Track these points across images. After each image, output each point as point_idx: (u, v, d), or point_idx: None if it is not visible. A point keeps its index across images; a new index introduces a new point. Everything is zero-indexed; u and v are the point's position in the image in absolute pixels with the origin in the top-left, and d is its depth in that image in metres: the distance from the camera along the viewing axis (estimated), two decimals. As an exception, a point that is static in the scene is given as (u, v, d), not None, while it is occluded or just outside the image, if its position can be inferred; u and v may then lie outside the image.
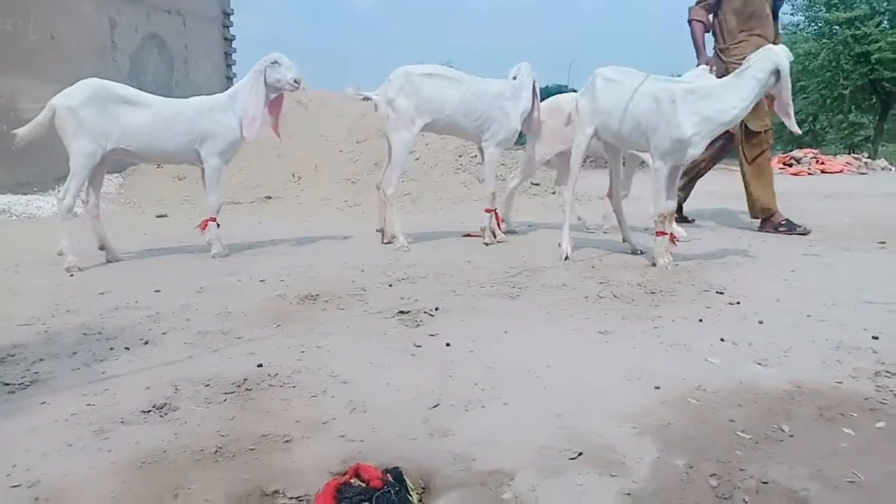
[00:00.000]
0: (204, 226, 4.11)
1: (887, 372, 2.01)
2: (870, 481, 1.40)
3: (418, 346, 2.29)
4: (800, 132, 3.65)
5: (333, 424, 1.68)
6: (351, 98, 4.60)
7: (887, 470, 1.45)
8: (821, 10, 20.37)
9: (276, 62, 4.03)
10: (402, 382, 1.96)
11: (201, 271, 3.66)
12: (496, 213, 4.62)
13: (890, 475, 1.43)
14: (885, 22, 19.21)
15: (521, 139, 4.98)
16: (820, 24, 20.67)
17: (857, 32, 19.14)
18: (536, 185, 8.19)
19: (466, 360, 2.16)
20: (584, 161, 4.12)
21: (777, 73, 3.28)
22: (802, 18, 21.47)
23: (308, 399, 1.84)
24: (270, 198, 6.96)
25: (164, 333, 2.50)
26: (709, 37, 5.02)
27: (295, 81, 4.07)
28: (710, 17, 5.00)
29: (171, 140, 3.98)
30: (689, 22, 4.98)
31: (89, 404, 1.83)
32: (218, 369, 2.08)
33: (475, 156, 7.97)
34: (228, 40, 11.44)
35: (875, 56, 18.48)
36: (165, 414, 1.76)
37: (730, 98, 3.35)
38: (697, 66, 4.69)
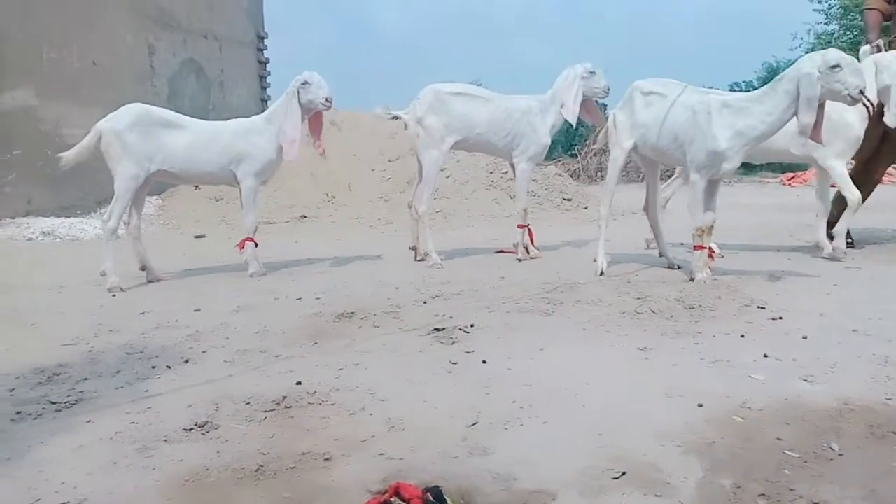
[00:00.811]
0: (242, 245, 4.18)
1: (940, 388, 1.94)
2: (927, 502, 1.35)
3: (454, 364, 2.29)
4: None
5: (373, 442, 1.68)
6: (381, 117, 4.64)
7: (946, 491, 1.39)
8: (856, 19, 19.98)
9: (306, 83, 4.10)
10: (440, 400, 1.96)
11: (239, 290, 3.72)
12: (529, 229, 4.61)
13: (949, 496, 1.38)
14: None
15: (551, 153, 4.95)
16: (856, 33, 20.26)
17: (893, 40, 18.74)
18: (568, 200, 8.15)
19: (503, 378, 2.14)
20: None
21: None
22: (837, 27, 21.09)
23: (347, 417, 1.85)
24: (305, 217, 7.04)
25: (204, 352, 2.54)
26: None
27: (327, 100, 4.13)
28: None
29: (210, 161, 4.07)
30: (864, 11, 4.97)
31: (133, 422, 1.86)
32: (258, 387, 2.10)
33: (506, 172, 7.96)
34: (262, 63, 11.67)
35: (914, 63, 18.06)
36: (207, 432, 1.78)
37: (758, 112, 3.28)
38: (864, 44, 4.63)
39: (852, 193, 4.09)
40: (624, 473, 1.48)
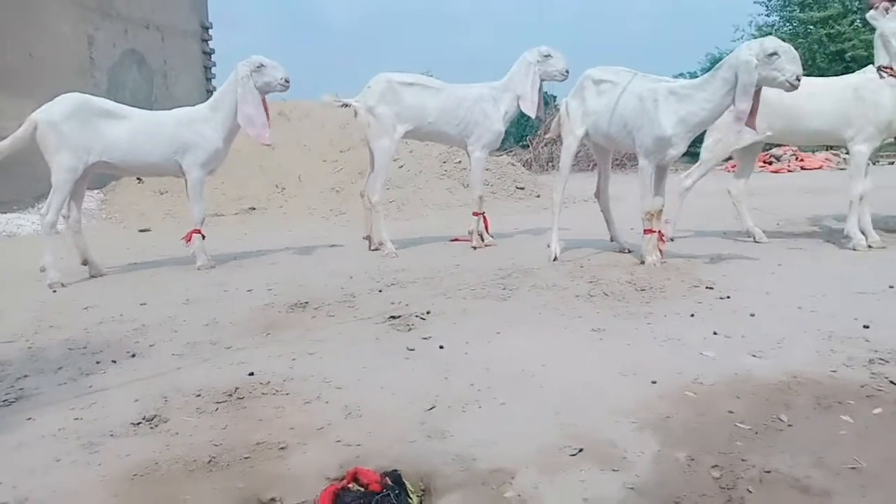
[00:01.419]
0: (188, 238, 4.06)
1: (881, 359, 2.02)
2: (871, 467, 1.40)
3: (411, 350, 2.27)
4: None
5: (329, 430, 1.65)
6: (333, 108, 4.58)
7: (887, 456, 1.44)
8: (795, 10, 20.66)
9: (261, 65, 3.98)
10: (397, 386, 1.94)
11: (187, 283, 3.61)
12: (484, 217, 4.61)
13: (890, 461, 1.42)
14: (858, 21, 19.49)
15: (503, 144, 4.90)
16: (795, 24, 20.95)
17: (832, 31, 19.42)
18: (521, 188, 8.20)
19: (461, 362, 2.14)
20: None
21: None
22: (777, 18, 21.75)
23: (302, 405, 1.81)
24: (254, 209, 6.90)
25: (151, 345, 2.45)
26: None
27: (285, 80, 4.02)
28: None
29: (153, 152, 3.94)
30: None
31: (77, 418, 1.79)
32: (208, 379, 2.05)
33: (459, 161, 7.96)
34: (208, 54, 11.37)
35: (849, 54, 18.73)
36: (156, 425, 1.72)
37: (699, 99, 3.34)
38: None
39: (857, 187, 3.92)
40: (581, 450, 1.49)
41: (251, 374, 2.06)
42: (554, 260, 3.84)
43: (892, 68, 3.73)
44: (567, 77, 4.47)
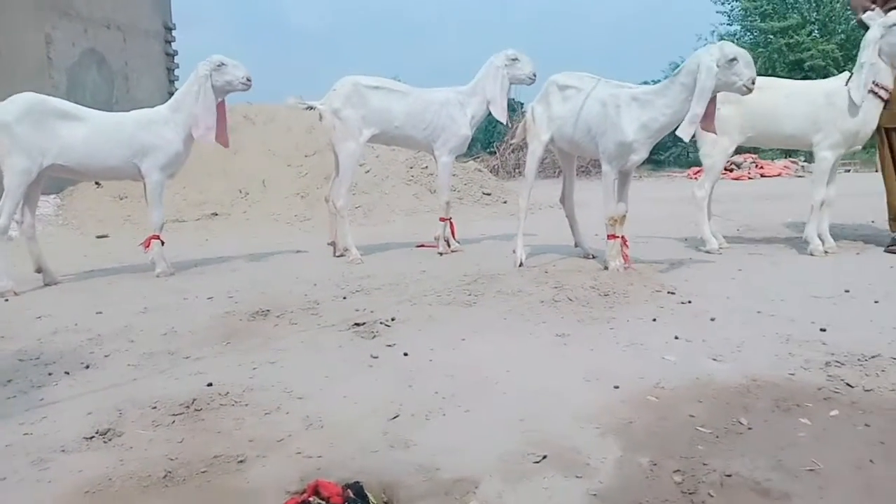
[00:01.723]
0: (147, 244, 3.97)
1: (837, 362, 2.05)
2: (829, 469, 1.42)
3: (375, 358, 2.24)
4: (686, 138, 3.42)
5: (289, 441, 1.62)
6: (298, 112, 4.52)
7: (844, 457, 1.47)
8: (756, 20, 21.20)
9: (222, 64, 3.92)
10: (360, 395, 1.91)
11: (145, 291, 3.53)
12: (451, 222, 4.60)
13: (847, 462, 1.45)
14: (816, 31, 20.11)
15: (470, 150, 4.89)
16: (756, 34, 21.50)
17: (791, 41, 19.98)
18: (488, 194, 8.22)
19: (425, 370, 2.12)
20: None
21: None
22: (739, 28, 22.29)
23: (262, 417, 1.78)
24: (217, 214, 6.79)
25: (106, 356, 2.38)
26: None
27: (247, 80, 3.97)
28: None
29: (111, 155, 3.84)
30: (850, 3, 4.49)
31: (26, 433, 1.72)
32: (165, 391, 1.99)
33: (426, 167, 7.96)
34: (170, 55, 11.17)
35: (807, 63, 19.31)
36: (110, 440, 1.67)
37: (659, 105, 3.37)
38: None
39: (818, 193, 3.97)
40: (545, 457, 1.48)
41: (210, 384, 2.01)
42: (519, 266, 3.85)
43: (876, 84, 3.77)
44: (535, 80, 4.47)
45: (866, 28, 3.85)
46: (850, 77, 3.87)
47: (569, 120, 3.73)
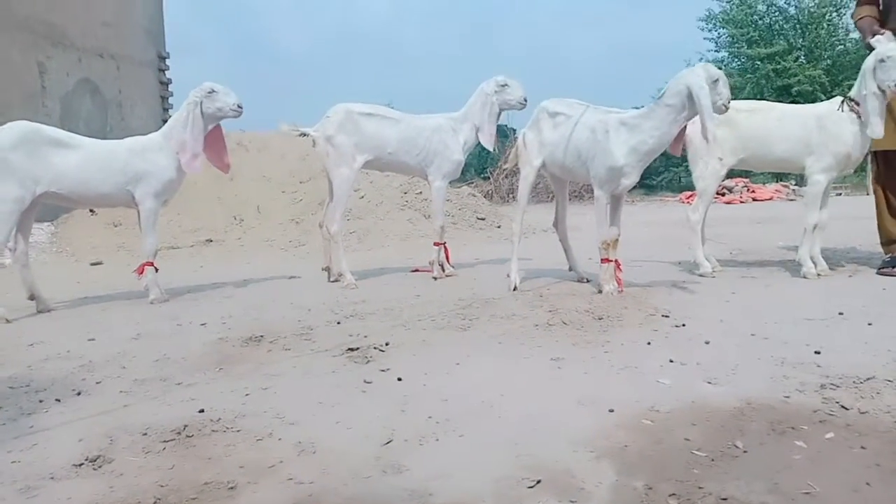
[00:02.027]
0: (141, 270, 3.96)
1: (832, 384, 2.05)
2: (825, 492, 1.41)
3: (368, 383, 2.23)
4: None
5: (281, 468, 1.60)
6: (292, 139, 4.56)
7: (840, 480, 1.46)
8: (743, 47, 21.53)
9: (213, 91, 3.95)
10: (353, 420, 1.89)
11: (139, 318, 3.51)
12: (445, 247, 4.61)
13: (844, 485, 1.44)
14: (802, 57, 20.44)
15: (464, 175, 4.92)
16: (743, 60, 21.84)
17: (778, 67, 20.29)
18: (482, 219, 8.25)
19: (419, 394, 2.10)
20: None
21: (692, 94, 3.23)
22: (726, 54, 22.62)
23: (253, 443, 1.76)
24: (211, 241, 6.78)
25: (98, 383, 2.36)
26: None
27: (238, 106, 3.99)
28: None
29: (105, 182, 3.85)
30: (856, 22, 4.46)
31: (14, 461, 1.70)
32: (156, 417, 1.97)
33: (420, 192, 7.99)
34: (164, 84, 11.27)
35: (795, 89, 19.60)
36: (99, 466, 1.65)
37: (647, 128, 3.42)
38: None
39: (811, 217, 3.98)
40: (539, 481, 1.47)
41: (201, 410, 1.99)
42: (514, 290, 3.85)
43: (857, 102, 3.82)
44: (526, 105, 4.49)
45: (872, 50, 3.86)
46: (842, 103, 3.90)
47: (559, 146, 3.77)
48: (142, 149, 3.96)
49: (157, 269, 3.99)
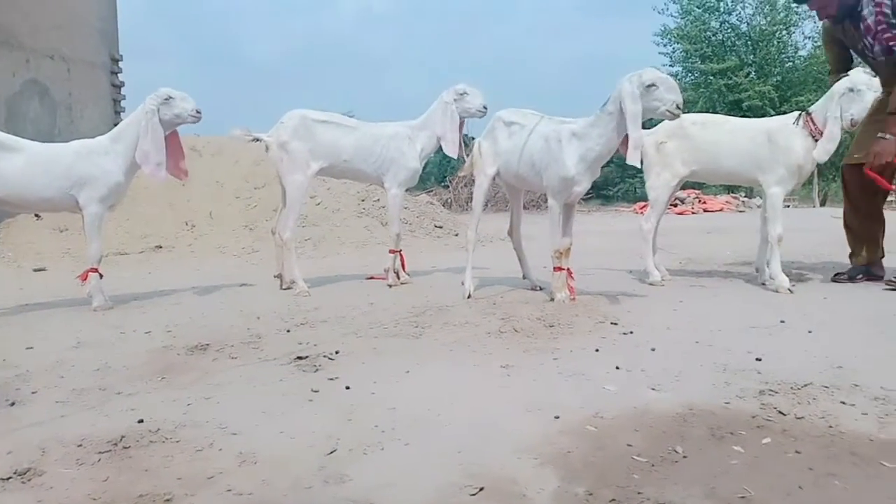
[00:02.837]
0: (84, 277, 3.84)
1: (771, 390, 2.10)
2: (759, 496, 1.44)
3: (316, 392, 2.20)
4: (637, 164, 3.50)
5: (220, 479, 1.56)
6: (247, 143, 4.47)
7: (775, 484, 1.49)
8: (696, 62, 22.10)
9: (170, 97, 3.86)
10: (298, 430, 1.86)
11: (81, 325, 3.40)
12: (401, 255, 4.59)
13: (777, 489, 1.47)
14: (753, 73, 21.08)
15: (424, 183, 4.90)
16: (696, 75, 22.41)
17: (730, 82, 20.89)
18: (440, 227, 8.26)
19: (367, 403, 2.08)
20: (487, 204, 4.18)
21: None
22: (681, 69, 23.18)
23: (193, 454, 1.71)
24: (161, 247, 6.63)
25: (33, 393, 2.28)
26: None
27: (197, 112, 3.90)
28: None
29: (48, 186, 3.73)
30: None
31: (-63, 476, 1.62)
32: (93, 428, 1.91)
33: (378, 199, 7.96)
34: (117, 87, 10.98)
35: (746, 104, 20.18)
36: (29, 479, 1.58)
37: (594, 136, 3.48)
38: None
39: (775, 229, 3.97)
40: (482, 489, 1.47)
41: (140, 421, 1.93)
42: (468, 297, 3.86)
43: (812, 119, 3.88)
44: (486, 113, 4.47)
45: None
46: (799, 116, 3.98)
47: (514, 155, 3.81)
48: (87, 152, 3.84)
49: (101, 276, 3.87)
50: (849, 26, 4.05)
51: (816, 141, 3.86)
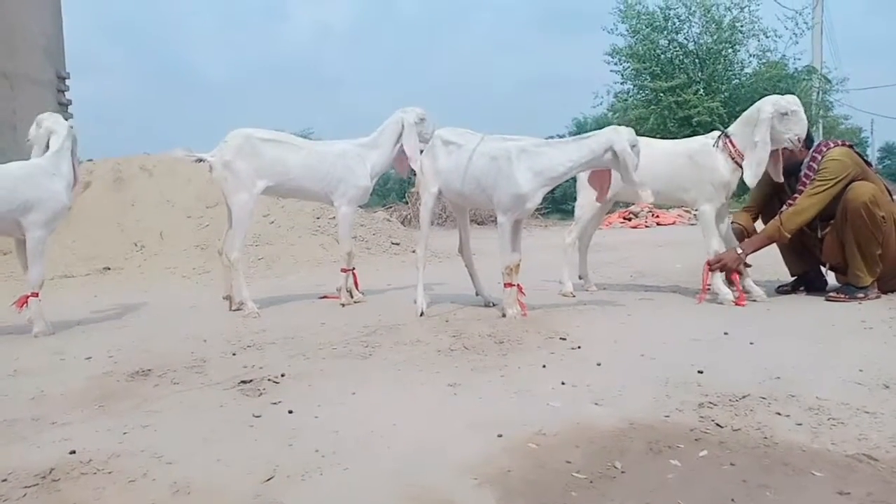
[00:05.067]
0: (23, 302, 3.71)
1: (710, 403, 2.14)
2: (692, 509, 1.46)
3: (258, 417, 2.16)
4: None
5: (151, 510, 1.52)
6: (182, 160, 4.41)
7: (708, 497, 1.52)
8: (646, 80, 22.60)
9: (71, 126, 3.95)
10: (236, 457, 1.82)
11: (18, 352, 3.28)
12: (353, 273, 4.56)
13: (710, 502, 1.50)
14: (702, 90, 21.64)
15: (384, 200, 4.88)
16: (647, 92, 22.89)
17: (679, 99, 21.40)
18: (397, 244, 8.23)
19: (309, 427, 2.05)
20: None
21: (614, 152, 3.43)
22: (631, 86, 23.68)
23: (125, 485, 1.66)
24: (109, 269, 6.44)
25: (-39, 426, 2.18)
26: None
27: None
28: None
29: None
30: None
31: None
32: (22, 461, 1.84)
33: (333, 217, 7.89)
34: (64, 105, 10.72)
35: (695, 119, 20.68)
36: (-54, 520, 1.52)
37: (560, 156, 3.55)
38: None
39: (712, 244, 4.08)
40: (418, 513, 1.46)
41: (72, 452, 1.87)
42: (420, 315, 3.85)
43: (731, 141, 3.99)
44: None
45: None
46: (719, 138, 4.10)
47: (455, 174, 3.84)
48: (29, 175, 3.73)
49: (40, 300, 3.75)
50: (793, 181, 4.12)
51: (735, 162, 3.99)
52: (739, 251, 4.00)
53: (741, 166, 3.97)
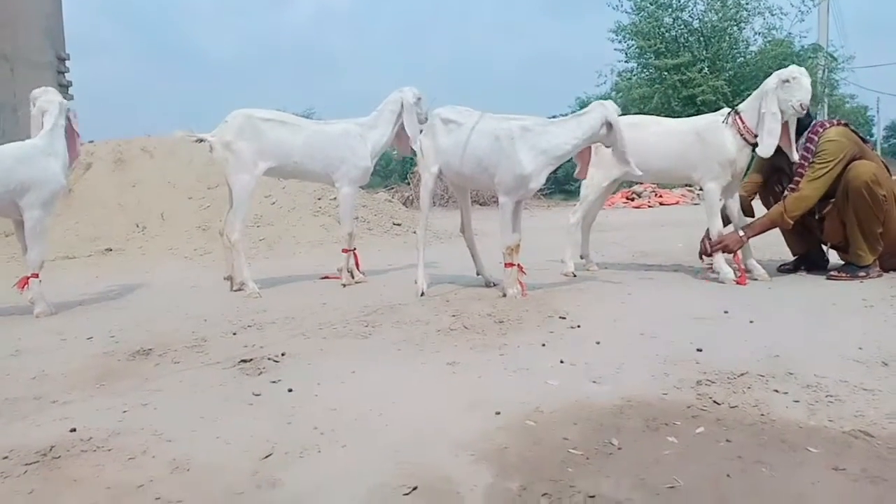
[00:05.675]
0: (24, 283, 3.72)
1: (708, 380, 2.15)
2: (688, 485, 1.47)
3: (257, 395, 2.17)
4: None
5: (150, 487, 1.53)
6: (183, 140, 4.38)
7: (704, 473, 1.52)
8: (651, 58, 22.38)
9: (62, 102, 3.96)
10: (235, 434, 1.83)
11: (20, 333, 3.30)
12: (354, 253, 4.56)
13: (706, 478, 1.50)
14: (706, 68, 21.43)
15: (386, 181, 4.86)
16: (651, 71, 22.68)
17: (684, 77, 21.19)
18: (398, 225, 8.22)
19: (308, 405, 2.06)
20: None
21: (609, 124, 3.47)
22: (636, 65, 23.46)
23: (125, 462, 1.67)
24: (111, 250, 6.45)
25: (-37, 405, 2.20)
26: None
27: (73, 115, 4.00)
28: None
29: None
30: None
31: None
32: (23, 438, 1.85)
33: (335, 198, 7.87)
34: (65, 86, 10.67)
35: (700, 98, 20.49)
36: (-52, 496, 1.53)
37: (563, 135, 3.53)
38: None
39: (715, 224, 4.07)
40: (415, 488, 1.46)
41: (73, 430, 1.88)
42: (421, 295, 3.85)
43: (741, 118, 3.96)
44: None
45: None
46: (728, 115, 4.06)
47: (455, 153, 3.81)
48: (27, 156, 3.72)
49: (40, 281, 3.76)
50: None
51: (744, 139, 3.95)
52: (741, 234, 3.99)
53: (749, 143, 3.95)
